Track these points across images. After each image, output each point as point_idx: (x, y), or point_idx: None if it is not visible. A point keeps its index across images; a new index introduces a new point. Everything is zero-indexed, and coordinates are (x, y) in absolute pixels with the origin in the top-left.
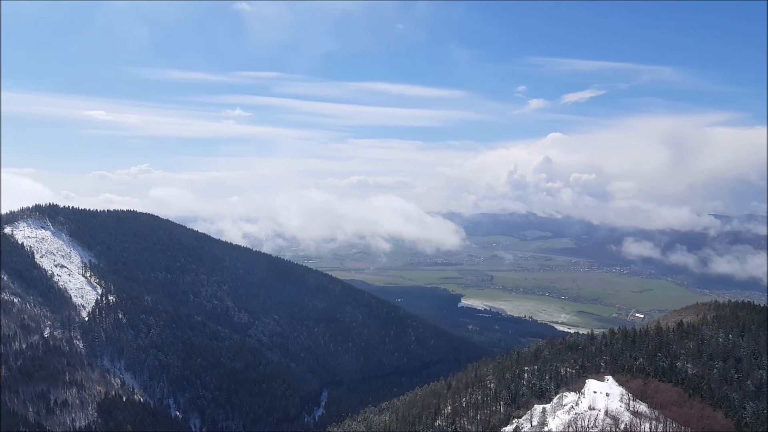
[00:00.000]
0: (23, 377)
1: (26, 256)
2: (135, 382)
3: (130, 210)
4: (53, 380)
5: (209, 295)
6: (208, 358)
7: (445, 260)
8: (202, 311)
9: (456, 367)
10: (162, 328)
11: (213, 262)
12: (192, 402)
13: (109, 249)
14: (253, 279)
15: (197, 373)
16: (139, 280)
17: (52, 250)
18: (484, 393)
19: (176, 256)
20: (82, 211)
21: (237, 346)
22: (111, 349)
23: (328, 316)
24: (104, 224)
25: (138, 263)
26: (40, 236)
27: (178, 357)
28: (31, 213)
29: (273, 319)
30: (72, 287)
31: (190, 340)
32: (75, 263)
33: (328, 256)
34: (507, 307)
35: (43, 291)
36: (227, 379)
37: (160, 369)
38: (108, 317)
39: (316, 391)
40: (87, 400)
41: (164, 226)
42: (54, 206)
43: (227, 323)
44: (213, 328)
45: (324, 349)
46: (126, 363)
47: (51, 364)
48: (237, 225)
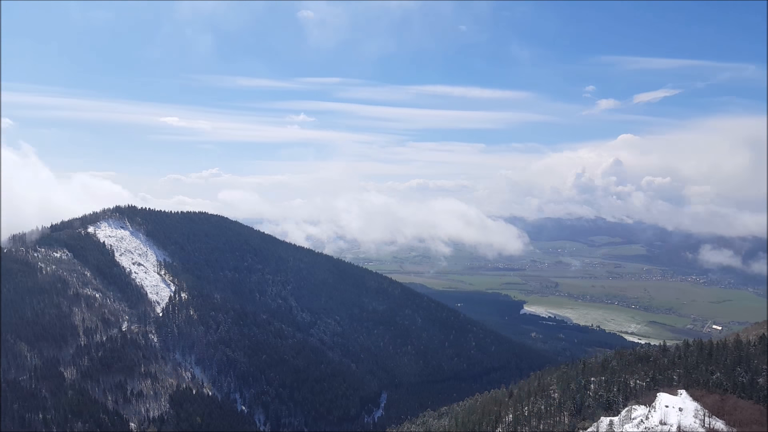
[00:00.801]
0: (103, 368)
1: (107, 254)
2: (204, 376)
3: (202, 212)
4: (130, 371)
5: (274, 294)
6: (273, 355)
7: (507, 265)
8: (267, 310)
9: (518, 374)
10: (230, 325)
11: (278, 263)
12: (257, 397)
13: (182, 248)
14: (315, 279)
15: (262, 369)
16: (209, 278)
17: (131, 249)
18: (547, 403)
19: (243, 256)
20: (157, 213)
21: (300, 344)
22: (182, 344)
23: (387, 318)
24: (178, 225)
25: (208, 262)
26: (120, 236)
27: (244, 353)
28: (111, 214)
29: (334, 320)
30: (148, 284)
31: (256, 337)
32: (151, 261)
33: (388, 258)
34: (573, 315)
35: (122, 287)
36: (290, 376)
37: (227, 364)
38: (180, 313)
39: (375, 393)
40: (160, 391)
41: (233, 227)
42: (132, 207)
43: (290, 322)
44: (277, 326)
45: (383, 351)
46: (196, 357)
47: (128, 356)
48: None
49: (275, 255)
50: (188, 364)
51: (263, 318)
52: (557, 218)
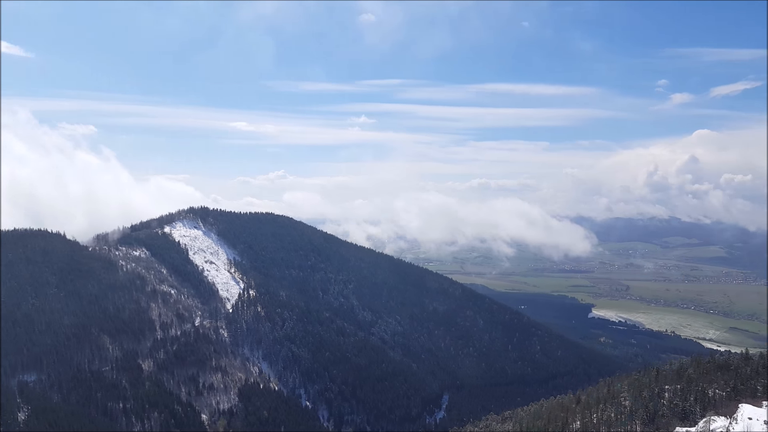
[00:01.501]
0: (178, 361)
1: (182, 253)
2: (271, 371)
3: (269, 212)
4: (202, 365)
5: (336, 293)
6: (335, 352)
7: (573, 267)
8: (329, 308)
9: (586, 380)
10: (295, 322)
11: (340, 262)
12: (320, 394)
13: (251, 248)
14: (376, 279)
15: (325, 366)
16: (276, 276)
17: (203, 248)
18: (617, 410)
19: (307, 255)
20: (228, 213)
21: (361, 342)
22: (251, 339)
23: (448, 319)
24: (246, 225)
25: (274, 261)
26: (193, 235)
27: (308, 350)
28: (185, 214)
29: (395, 319)
30: (219, 281)
31: (320, 335)
32: (222, 260)
33: (449, 259)
34: (645, 319)
35: (195, 284)
36: (352, 374)
37: (292, 360)
38: (248, 310)
39: (437, 394)
40: (230, 385)
41: (297, 227)
42: (205, 209)
43: (352, 320)
44: (340, 324)
45: (444, 352)
46: (263, 353)
47: (200, 350)
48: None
49: (337, 254)
50: (256, 359)
51: (326, 316)
52: (628, 218)
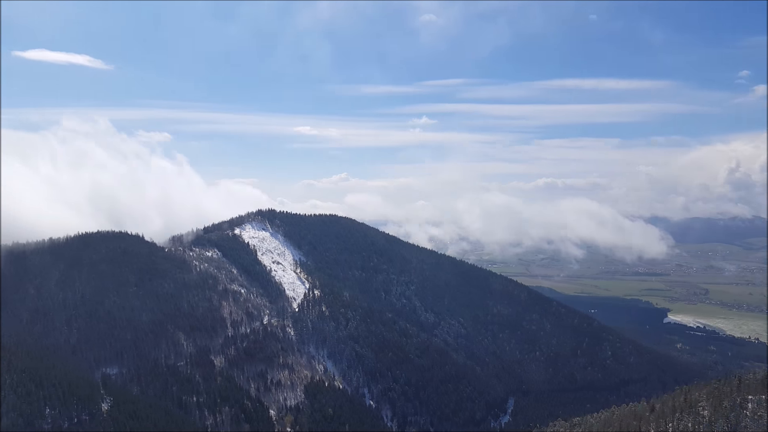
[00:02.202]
0: (247, 357)
1: (251, 253)
2: (335, 369)
3: (332, 214)
4: (270, 362)
5: (398, 294)
6: (398, 353)
7: (647, 270)
8: (392, 309)
9: (660, 388)
10: (358, 322)
11: (402, 263)
12: (384, 393)
13: (315, 249)
14: (439, 281)
15: (389, 366)
16: (339, 277)
17: (271, 249)
18: (695, 421)
19: (370, 256)
20: (293, 215)
21: (424, 344)
22: (316, 338)
23: (513, 322)
24: (311, 227)
25: (338, 262)
26: (261, 237)
27: (371, 350)
28: (254, 217)
29: (458, 321)
30: (285, 281)
31: (383, 335)
32: (288, 260)
33: (513, 261)
34: (726, 325)
35: (263, 284)
36: (415, 375)
37: (356, 360)
38: (314, 309)
39: (501, 398)
40: (296, 382)
41: (360, 229)
42: (272, 211)
43: (415, 322)
44: (402, 326)
45: (509, 355)
46: (328, 351)
47: (268, 348)
48: (423, 228)
49: (399, 256)
50: (321, 358)
51: (389, 317)
52: (707, 218)
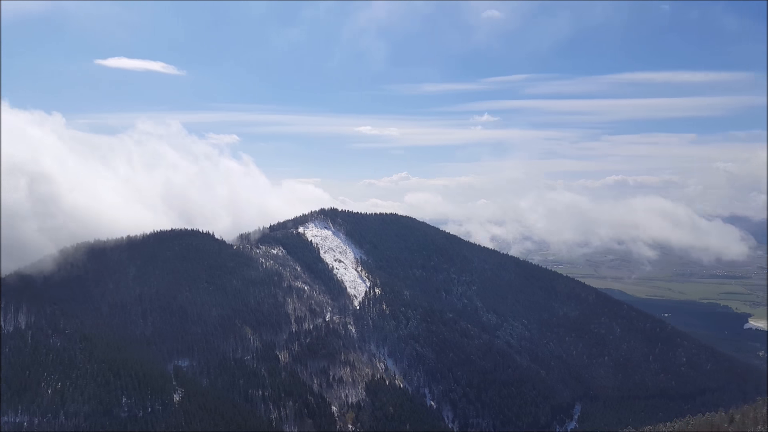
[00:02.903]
0: (310, 353)
1: (314, 251)
2: (396, 368)
3: (392, 213)
4: (332, 358)
5: (459, 294)
6: (459, 354)
7: (727, 272)
8: (453, 309)
9: (740, 398)
10: (418, 321)
11: (462, 263)
12: (444, 394)
13: (376, 247)
14: (501, 281)
15: (449, 367)
16: (400, 276)
17: (333, 247)
18: None
19: (430, 255)
20: (354, 214)
21: (486, 345)
22: (376, 336)
23: (580, 325)
24: (372, 226)
25: (398, 261)
26: (324, 235)
27: (432, 350)
28: (317, 216)
29: (521, 323)
30: (347, 279)
31: (443, 335)
32: (349, 259)
33: (580, 261)
34: None
35: (326, 281)
36: (477, 376)
37: (416, 359)
38: (374, 307)
39: (568, 403)
40: (357, 379)
41: (420, 228)
42: (334, 210)
43: (476, 322)
44: (463, 326)
45: (576, 359)
46: (388, 350)
47: (331, 344)
48: (484, 227)
49: (460, 255)
50: (381, 356)
51: (449, 317)
52: None
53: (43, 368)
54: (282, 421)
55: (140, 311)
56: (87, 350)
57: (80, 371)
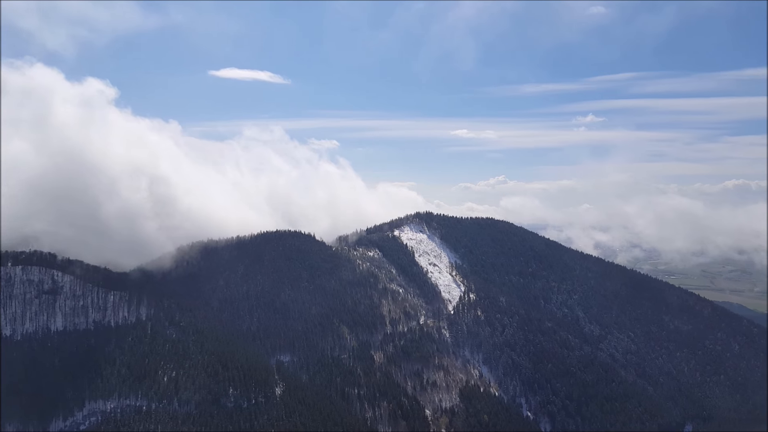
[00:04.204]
0: (404, 355)
1: (409, 254)
2: (491, 376)
3: (489, 217)
4: (425, 362)
5: (559, 303)
6: (558, 365)
7: None
8: (552, 318)
9: None
10: (515, 329)
11: (563, 270)
12: (542, 406)
13: (471, 252)
14: (605, 291)
15: (547, 378)
16: (495, 281)
17: (427, 251)
18: None
19: (528, 261)
20: (449, 218)
21: (588, 358)
22: (471, 342)
23: (693, 340)
24: (467, 230)
25: (494, 266)
26: (419, 239)
27: (529, 359)
28: (412, 219)
29: (627, 336)
30: (441, 283)
31: (541, 345)
32: (444, 263)
33: (695, 272)
34: None
35: (420, 284)
36: (577, 389)
37: (512, 368)
38: (469, 313)
39: (677, 422)
40: (451, 384)
41: (518, 233)
42: (429, 213)
43: (577, 333)
44: (563, 336)
45: (688, 377)
46: (483, 357)
47: (424, 348)
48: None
49: (560, 262)
50: (476, 362)
51: (548, 326)
52: None
53: (160, 357)
54: (376, 420)
55: (247, 307)
56: (199, 342)
57: (192, 362)
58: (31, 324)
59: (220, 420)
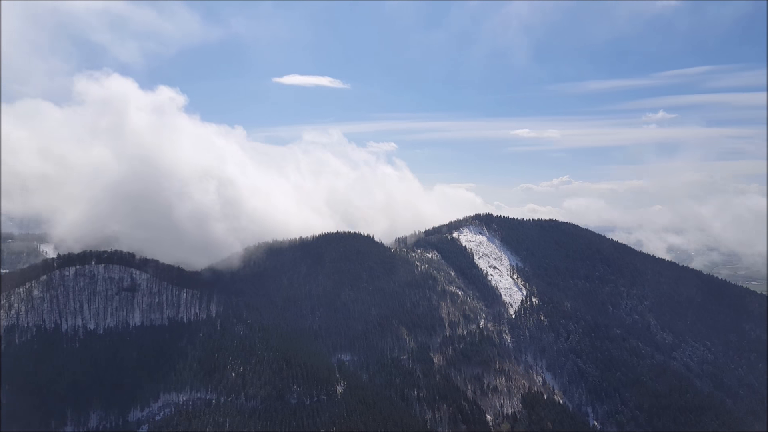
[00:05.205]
0: (464, 359)
1: (468, 257)
2: (555, 383)
3: (552, 219)
4: (486, 366)
5: (629, 309)
6: (628, 373)
7: None
8: (620, 324)
9: None
10: (581, 336)
11: (633, 275)
12: (610, 415)
13: (533, 255)
14: (679, 297)
15: (616, 386)
16: (559, 285)
17: (487, 253)
18: None
19: (595, 265)
20: (510, 220)
21: (660, 367)
22: (533, 348)
23: None
24: (529, 232)
25: (558, 270)
26: (478, 241)
27: (596, 367)
28: (471, 221)
29: (703, 345)
30: (502, 286)
31: (609, 352)
32: (504, 266)
33: None
34: None
35: (480, 287)
36: (648, 400)
37: (578, 375)
38: (531, 317)
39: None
40: (513, 390)
41: (583, 235)
42: (489, 215)
43: (648, 341)
44: (633, 344)
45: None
46: (547, 363)
47: (485, 352)
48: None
49: (630, 266)
50: (539, 369)
51: (617, 333)
52: None
53: (229, 353)
54: (436, 423)
55: (309, 306)
56: (264, 339)
57: (258, 358)
58: (112, 319)
59: (284, 416)
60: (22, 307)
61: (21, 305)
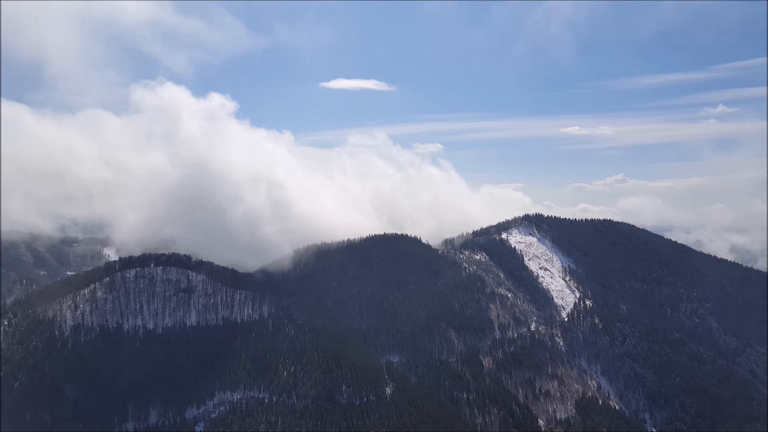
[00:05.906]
0: (514, 362)
1: (517, 258)
2: (610, 388)
3: (606, 219)
4: (537, 370)
5: (689, 312)
6: (688, 379)
7: None
8: (680, 328)
9: None
10: (637, 339)
11: (693, 276)
12: (669, 422)
13: (586, 256)
14: (743, 299)
15: (675, 393)
16: (614, 288)
17: (538, 255)
18: None
19: (652, 266)
20: (562, 220)
21: (722, 372)
22: (587, 352)
23: None
24: (582, 232)
25: (613, 271)
26: (528, 242)
27: (654, 372)
28: (521, 222)
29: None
30: (553, 289)
31: (668, 357)
32: (556, 267)
33: None
34: None
35: (530, 289)
36: (711, 406)
37: (635, 380)
38: (585, 320)
39: None
40: (566, 394)
41: (640, 236)
42: (539, 216)
43: (710, 345)
44: (694, 348)
45: None
46: (601, 368)
47: (536, 355)
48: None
49: (690, 267)
50: (593, 373)
51: (676, 337)
52: None
53: (280, 353)
54: (486, 426)
55: (357, 308)
56: (314, 340)
57: (309, 358)
58: (170, 319)
59: (334, 415)
60: (87, 307)
61: (86, 306)
